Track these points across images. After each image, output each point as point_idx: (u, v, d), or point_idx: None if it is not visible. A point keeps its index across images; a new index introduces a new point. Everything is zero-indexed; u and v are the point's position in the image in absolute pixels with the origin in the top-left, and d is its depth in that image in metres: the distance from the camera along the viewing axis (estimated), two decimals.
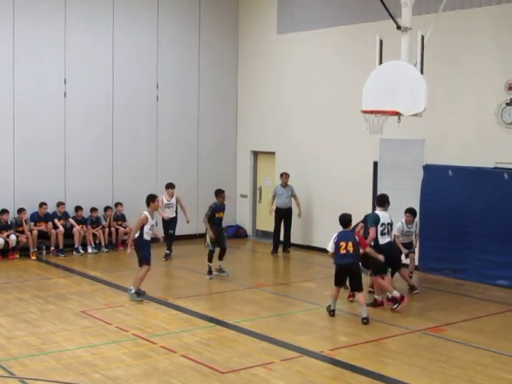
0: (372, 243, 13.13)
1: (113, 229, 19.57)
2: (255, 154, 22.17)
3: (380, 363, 10.20)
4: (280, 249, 19.43)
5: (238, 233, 21.92)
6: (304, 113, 20.15)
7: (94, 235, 19.19)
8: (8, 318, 12.29)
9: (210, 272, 16.13)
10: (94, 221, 19.34)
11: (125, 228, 19.71)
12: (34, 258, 18.02)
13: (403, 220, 15.11)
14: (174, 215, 18.67)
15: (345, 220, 12.68)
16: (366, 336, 11.48)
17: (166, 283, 15.61)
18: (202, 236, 21.14)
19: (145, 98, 20.57)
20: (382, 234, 13.31)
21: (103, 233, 19.33)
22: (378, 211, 13.63)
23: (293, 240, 19.78)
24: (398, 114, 13.24)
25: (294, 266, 18.40)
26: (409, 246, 15.22)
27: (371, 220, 13.45)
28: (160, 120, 20.88)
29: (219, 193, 16.71)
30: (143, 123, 20.61)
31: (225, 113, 22.26)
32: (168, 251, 18.34)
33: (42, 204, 18.47)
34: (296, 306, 13.76)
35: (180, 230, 19.42)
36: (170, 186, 18.62)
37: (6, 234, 17.91)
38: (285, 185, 19.38)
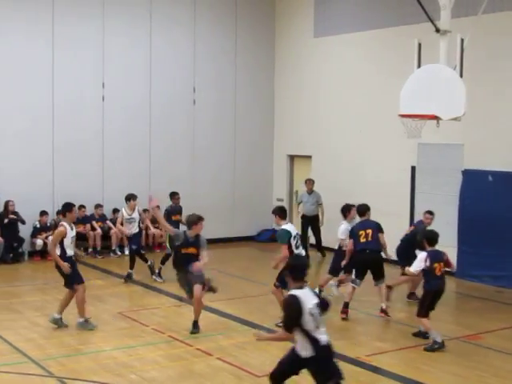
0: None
1: (150, 231, 19.63)
2: (291, 157, 22.13)
3: (417, 370, 10.10)
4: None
5: (275, 236, 21.83)
6: (341, 116, 20.07)
7: None
8: (47, 319, 12.39)
9: (158, 274, 16.01)
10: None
11: (161, 230, 19.77)
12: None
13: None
14: (137, 230, 16.26)
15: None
16: (403, 342, 11.39)
17: None
18: (236, 239, 21.33)
19: (182, 101, 20.68)
20: (297, 247, 12.02)
21: (140, 235, 19.38)
22: (287, 225, 12.18)
23: (327, 243, 19.72)
24: (436, 118, 13.10)
25: (327, 269, 18.23)
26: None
27: (283, 237, 11.99)
28: (197, 123, 20.97)
29: (174, 195, 16.74)
30: (180, 127, 20.70)
31: (261, 116, 22.28)
32: (130, 270, 15.99)
33: (81, 206, 18.63)
34: (332, 310, 13.65)
35: (216, 233, 19.44)
36: (131, 197, 16.19)
37: (44, 235, 18.12)
38: (310, 191, 19.29)
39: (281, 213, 12.27)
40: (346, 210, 13.77)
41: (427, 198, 17.73)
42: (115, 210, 19.22)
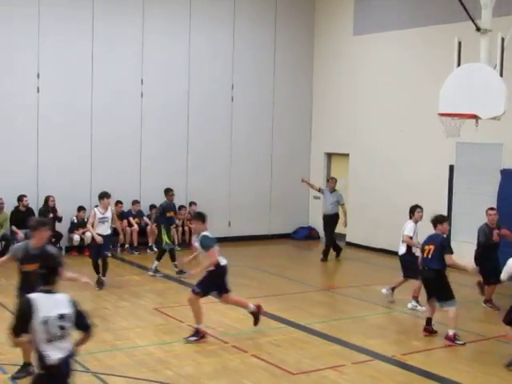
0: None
1: (186, 228, 19.77)
2: (329, 155, 22.08)
3: (454, 370, 10.02)
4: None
5: (310, 234, 21.85)
6: (379, 115, 19.98)
7: None
8: None
9: (155, 270, 16.11)
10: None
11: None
12: (109, 254, 18.28)
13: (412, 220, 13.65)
14: (110, 232, 15.14)
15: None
16: (439, 342, 11.30)
17: (237, 283, 15.62)
18: (272, 237, 21.36)
19: (220, 98, 20.73)
20: None
21: (177, 231, 19.53)
22: (208, 232, 11.85)
23: (363, 242, 19.72)
24: (475, 117, 12.98)
25: (364, 268, 18.19)
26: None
27: (210, 241, 11.60)
28: (235, 121, 21.00)
29: (168, 191, 16.67)
30: (218, 124, 20.75)
31: (299, 114, 22.24)
32: (103, 277, 14.89)
33: (118, 202, 18.78)
34: (368, 309, 13.65)
35: (253, 231, 19.50)
36: (105, 195, 14.97)
37: (81, 231, 18.29)
38: (332, 190, 18.94)
39: (203, 218, 11.87)
40: (410, 211, 13.62)
41: (465, 198, 17.59)
42: (152, 207, 19.35)
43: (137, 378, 9.37)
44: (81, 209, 18.57)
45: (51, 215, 17.77)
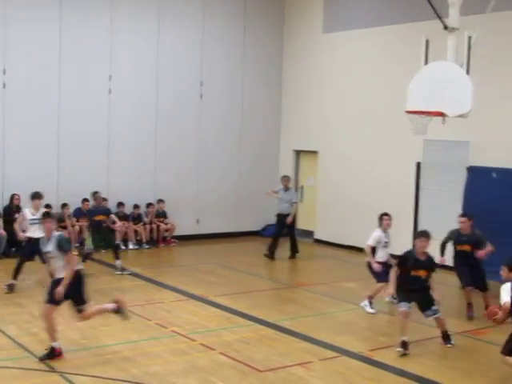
0: None
1: (154, 225, 19.68)
2: (298, 153, 22.11)
3: (420, 365, 10.09)
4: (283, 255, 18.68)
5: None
6: (348, 112, 20.05)
7: (136, 231, 19.34)
8: None
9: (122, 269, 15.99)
10: (136, 217, 19.46)
11: (166, 225, 19.84)
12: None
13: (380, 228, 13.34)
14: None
15: None
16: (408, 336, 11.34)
17: (205, 280, 15.63)
18: (241, 234, 21.35)
19: (189, 95, 20.64)
20: None
21: (144, 229, 19.45)
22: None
23: (331, 239, 19.79)
24: (442, 114, 13.07)
25: (333, 265, 18.25)
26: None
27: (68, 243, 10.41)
28: (204, 118, 20.92)
29: (94, 194, 16.71)
30: (187, 121, 20.66)
31: (269, 111, 22.24)
32: (14, 281, 14.01)
33: (85, 200, 18.63)
34: (336, 305, 13.69)
35: (222, 228, 19.48)
36: (36, 195, 14.21)
37: None
38: (286, 188, 18.58)
39: (53, 217, 10.97)
40: (378, 219, 13.40)
41: (432, 195, 17.72)
42: (119, 204, 19.24)
43: (104, 377, 9.29)
44: (47, 207, 18.29)
45: (16, 215, 17.57)
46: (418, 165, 18.04)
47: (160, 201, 19.94)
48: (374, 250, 13.19)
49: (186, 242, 20.11)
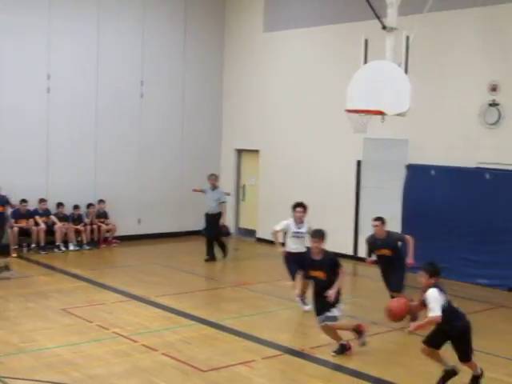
0: None
1: (95, 226, 19.47)
2: (239, 152, 22.13)
3: (361, 361, 10.19)
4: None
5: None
6: (289, 111, 20.13)
7: (76, 232, 19.10)
8: None
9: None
10: (76, 218, 19.22)
11: (107, 225, 19.65)
12: (14, 255, 17.88)
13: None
14: None
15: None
16: (347, 334, 11.42)
17: (147, 281, 15.53)
18: (183, 234, 21.29)
19: (129, 95, 20.45)
20: None
21: (85, 230, 19.23)
22: None
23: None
24: (382, 113, 13.24)
25: (275, 264, 18.22)
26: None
27: None
28: (144, 117, 20.77)
29: None
30: (127, 121, 20.48)
31: (210, 110, 22.19)
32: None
33: (23, 201, 18.34)
34: (278, 304, 13.74)
35: (164, 227, 19.37)
36: None
37: None
38: (213, 187, 18.09)
39: None
40: (292, 208, 13.35)
41: (372, 193, 17.93)
42: (59, 205, 18.98)
43: (44, 380, 9.15)
44: None
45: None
46: (359, 163, 18.23)
47: (101, 201, 19.73)
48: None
49: (127, 242, 19.95)
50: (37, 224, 18.56)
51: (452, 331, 8.85)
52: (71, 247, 18.88)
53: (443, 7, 16.03)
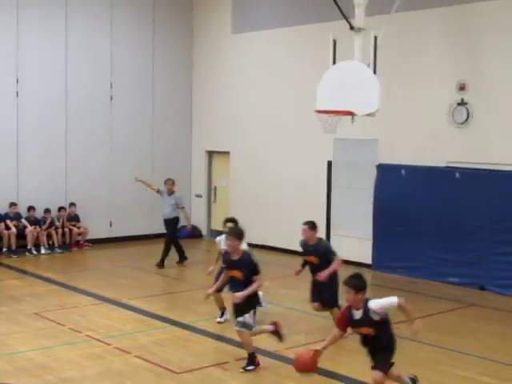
0: None
1: (66, 229, 19.38)
2: (210, 153, 22.14)
3: (333, 361, 10.20)
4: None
5: (193, 233, 21.79)
6: (258, 113, 20.18)
7: (48, 236, 19.00)
8: None
9: None
10: (47, 221, 19.10)
11: (78, 228, 19.57)
12: None
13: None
14: None
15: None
16: (318, 335, 11.42)
17: (119, 284, 15.50)
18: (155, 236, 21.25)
19: (99, 97, 20.41)
20: None
21: (56, 233, 19.13)
22: None
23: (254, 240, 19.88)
24: (351, 113, 13.31)
25: None
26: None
27: None
28: (114, 120, 20.73)
29: None
30: (97, 123, 20.42)
31: (180, 112, 22.20)
32: None
33: None
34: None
35: (135, 230, 19.32)
36: None
37: None
38: (170, 192, 17.69)
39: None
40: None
41: (343, 193, 18.03)
42: (30, 208, 18.88)
43: None
44: None
45: None
46: (329, 163, 18.32)
47: (72, 204, 19.65)
48: None
49: (99, 245, 19.89)
50: (7, 228, 18.45)
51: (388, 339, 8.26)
52: (43, 251, 18.80)
53: (410, 7, 16.17)
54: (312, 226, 11.64)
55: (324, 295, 11.63)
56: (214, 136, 21.74)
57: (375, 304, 8.00)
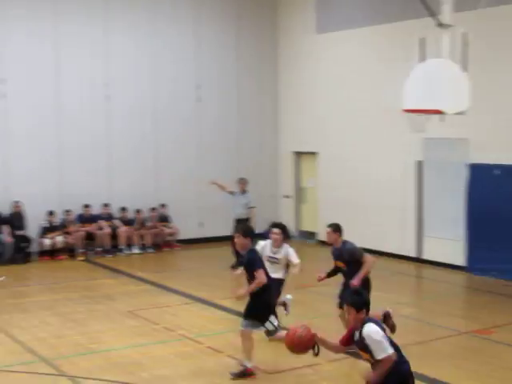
0: None
1: (157, 230, 19.73)
2: (298, 154, 22.12)
3: (429, 366, 10.04)
4: None
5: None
6: (345, 113, 20.04)
7: (139, 236, 19.39)
8: (57, 318, 12.53)
9: None
10: (139, 222, 19.50)
11: (169, 229, 19.90)
12: (80, 258, 18.28)
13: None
14: None
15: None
16: (414, 337, 11.36)
17: (210, 284, 15.66)
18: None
19: (186, 99, 20.75)
20: None
21: (149, 234, 19.50)
22: None
23: None
24: (441, 112, 13.08)
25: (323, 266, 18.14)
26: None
27: None
28: (202, 122, 21.00)
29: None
30: (185, 124, 20.77)
31: (265, 113, 22.31)
32: None
33: (86, 206, 18.74)
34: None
35: (221, 231, 19.53)
36: None
37: (53, 234, 18.21)
38: (242, 192, 17.47)
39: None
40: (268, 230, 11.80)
41: (434, 193, 17.73)
42: (123, 209, 19.34)
43: (113, 380, 9.35)
44: (51, 213, 18.47)
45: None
46: (419, 163, 18.07)
47: (162, 205, 19.99)
48: None
49: (189, 245, 20.16)
50: (101, 228, 18.93)
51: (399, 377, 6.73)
52: (135, 251, 19.17)
53: (502, 1, 15.76)
54: (335, 228, 10.86)
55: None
56: (301, 137, 21.72)
57: (368, 334, 6.66)
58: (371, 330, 6.64)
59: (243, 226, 10.40)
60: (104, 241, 18.89)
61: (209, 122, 21.19)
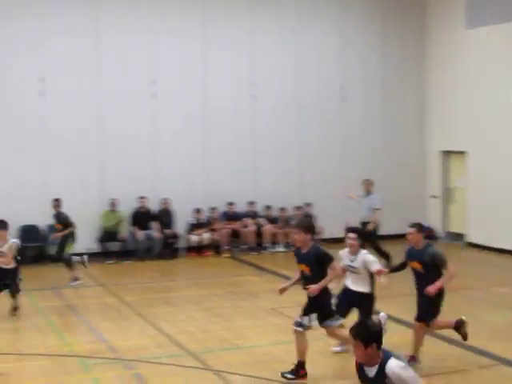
0: None
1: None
2: (445, 153, 21.51)
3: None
4: None
5: (429, 234, 21.28)
6: (498, 112, 19.27)
7: (284, 234, 19.45)
8: (203, 313, 12.78)
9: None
10: (284, 220, 19.57)
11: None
12: (226, 255, 18.58)
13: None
14: (13, 266, 12.45)
15: None
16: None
17: None
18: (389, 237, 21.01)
19: (329, 97, 20.74)
20: None
21: (292, 232, 19.52)
22: None
23: (485, 242, 19.16)
24: None
25: (487, 270, 17.57)
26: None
27: None
28: (346, 121, 20.89)
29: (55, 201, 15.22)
30: (329, 124, 20.75)
31: (410, 112, 21.93)
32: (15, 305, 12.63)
33: (230, 203, 19.04)
34: (490, 311, 13.19)
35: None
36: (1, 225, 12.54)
37: (199, 231, 18.60)
38: (366, 193, 16.84)
39: None
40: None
41: None
42: (267, 207, 19.50)
43: (256, 376, 9.41)
44: (198, 211, 18.88)
45: None
46: None
47: (308, 204, 19.97)
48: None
49: (333, 245, 19.98)
50: (246, 226, 19.15)
51: None
52: (279, 248, 19.26)
53: None
54: (419, 228, 10.13)
55: (420, 305, 9.98)
56: (449, 136, 21.12)
57: (394, 369, 5.66)
58: (396, 365, 5.64)
59: (304, 222, 10.27)
60: (249, 238, 19.11)
61: (353, 121, 21.05)
